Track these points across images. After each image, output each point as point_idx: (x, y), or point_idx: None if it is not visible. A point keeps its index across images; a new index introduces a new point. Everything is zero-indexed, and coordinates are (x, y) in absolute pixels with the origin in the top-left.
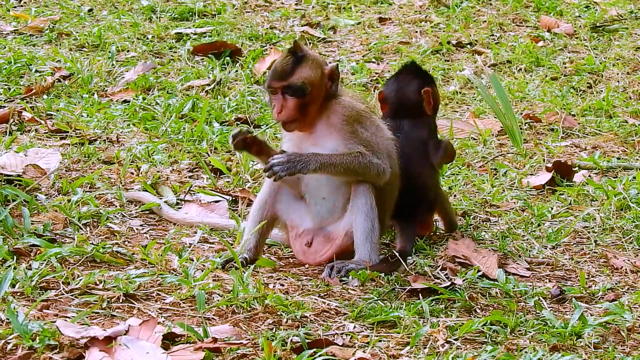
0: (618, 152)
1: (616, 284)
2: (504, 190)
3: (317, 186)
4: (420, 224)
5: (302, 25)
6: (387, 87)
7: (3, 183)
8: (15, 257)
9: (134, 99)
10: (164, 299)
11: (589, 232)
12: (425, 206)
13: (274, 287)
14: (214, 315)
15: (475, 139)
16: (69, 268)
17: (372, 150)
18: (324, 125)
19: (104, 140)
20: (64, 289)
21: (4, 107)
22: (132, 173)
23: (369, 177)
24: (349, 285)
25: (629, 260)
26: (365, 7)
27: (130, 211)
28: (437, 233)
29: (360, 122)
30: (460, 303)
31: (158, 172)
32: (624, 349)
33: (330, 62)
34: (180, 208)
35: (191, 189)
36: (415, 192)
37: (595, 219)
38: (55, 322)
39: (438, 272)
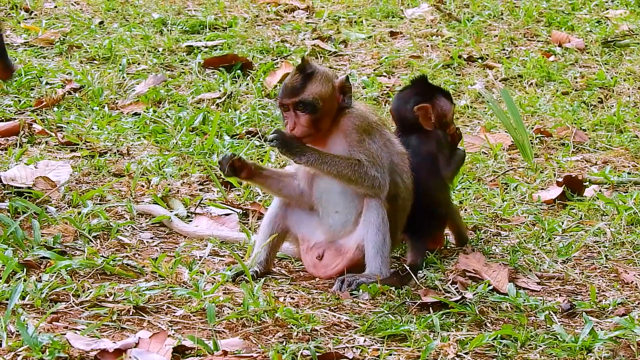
0: (629, 167)
1: (627, 298)
2: (514, 205)
3: (330, 199)
4: (431, 239)
5: (313, 39)
6: (392, 104)
7: (13, 195)
8: (25, 269)
9: (144, 111)
10: (174, 312)
11: (599, 247)
12: (436, 221)
13: (284, 300)
14: (224, 328)
15: (486, 153)
16: (79, 280)
17: (373, 162)
18: (335, 134)
19: (115, 153)
20: (74, 301)
21: (15, 119)
22: (143, 186)
23: (363, 188)
24: (360, 298)
25: (639, 274)
26: (376, 21)
27: (141, 224)
28: (448, 247)
29: (369, 133)
30: (471, 317)
31: (168, 185)
32: None
33: (340, 75)
34: (191, 221)
35: (202, 202)
36: (426, 207)
37: (605, 233)
38: (65, 334)
39: (449, 286)
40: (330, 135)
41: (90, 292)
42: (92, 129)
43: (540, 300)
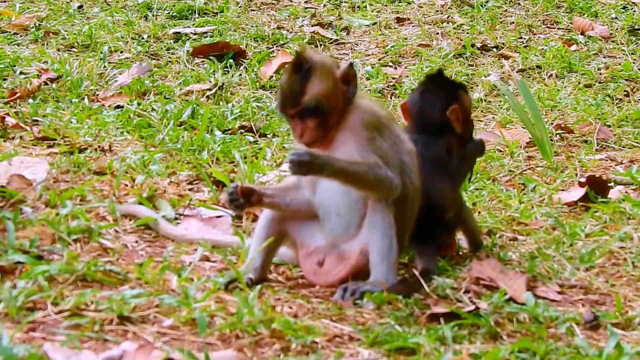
0: None
1: None
2: (532, 207)
3: (331, 201)
4: (441, 245)
5: (312, 25)
6: (414, 105)
7: None
8: None
9: (128, 104)
10: (162, 322)
11: (625, 253)
12: (445, 227)
13: (281, 309)
14: (216, 339)
15: (501, 151)
16: (57, 287)
17: (387, 162)
18: (342, 133)
19: (95, 149)
20: (52, 310)
21: None
22: (127, 185)
23: (380, 192)
24: (364, 308)
25: None
26: (381, 5)
27: (125, 226)
28: (460, 253)
29: (379, 129)
30: (485, 329)
31: (155, 184)
32: None
33: (342, 63)
34: (179, 223)
35: (191, 202)
36: (432, 214)
37: (632, 238)
38: (42, 345)
39: (461, 295)
40: (337, 134)
41: (70, 300)
42: (71, 122)
43: (561, 310)
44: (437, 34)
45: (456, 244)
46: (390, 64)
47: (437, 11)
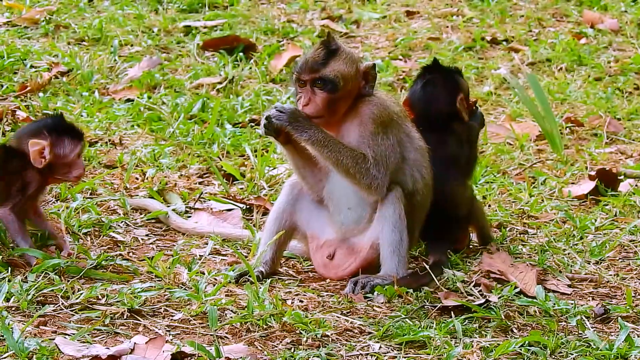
0: None
1: None
2: (543, 200)
3: (341, 195)
4: (452, 239)
5: (322, 19)
6: (416, 100)
7: None
8: (10, 269)
9: (138, 97)
10: (173, 316)
11: (636, 246)
12: (457, 223)
13: (292, 303)
14: (227, 333)
15: (511, 144)
16: (68, 281)
17: (378, 161)
18: (350, 121)
19: (106, 143)
20: (63, 303)
21: None
22: (137, 178)
23: (359, 185)
24: (375, 302)
25: None
26: None
27: (135, 220)
28: (471, 246)
29: (386, 126)
30: (496, 322)
31: (165, 177)
32: None
33: (366, 61)
34: (190, 217)
35: (201, 196)
36: (446, 212)
37: None
38: (53, 339)
39: (471, 289)
40: (345, 122)
41: (81, 294)
42: (81, 116)
43: (572, 304)
44: (447, 27)
45: (468, 238)
46: (400, 57)
47: (447, 4)
